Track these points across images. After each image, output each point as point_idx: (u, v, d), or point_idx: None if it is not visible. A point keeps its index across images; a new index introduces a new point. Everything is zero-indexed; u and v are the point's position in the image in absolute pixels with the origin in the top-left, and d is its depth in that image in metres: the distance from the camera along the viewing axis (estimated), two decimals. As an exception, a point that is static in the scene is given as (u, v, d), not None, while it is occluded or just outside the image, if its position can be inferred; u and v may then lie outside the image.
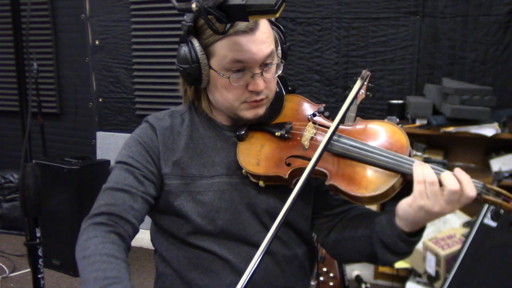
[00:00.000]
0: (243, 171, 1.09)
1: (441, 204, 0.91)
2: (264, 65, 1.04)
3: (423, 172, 0.92)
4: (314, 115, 1.13)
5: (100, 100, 3.57)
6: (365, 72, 1.12)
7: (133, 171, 1.08)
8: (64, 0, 3.50)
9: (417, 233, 1.00)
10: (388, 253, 1.02)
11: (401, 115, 2.71)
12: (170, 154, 1.11)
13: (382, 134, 1.05)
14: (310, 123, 1.11)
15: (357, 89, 1.08)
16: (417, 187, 0.92)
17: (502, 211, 0.95)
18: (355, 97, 1.10)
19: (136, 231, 1.07)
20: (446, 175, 0.91)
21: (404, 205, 0.95)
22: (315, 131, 1.09)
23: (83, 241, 0.99)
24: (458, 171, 0.92)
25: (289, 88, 1.22)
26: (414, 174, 0.93)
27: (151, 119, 1.17)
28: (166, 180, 1.10)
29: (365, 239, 1.07)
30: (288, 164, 1.06)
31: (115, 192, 1.06)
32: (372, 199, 0.98)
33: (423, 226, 0.99)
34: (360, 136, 1.06)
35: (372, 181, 0.98)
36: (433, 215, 0.93)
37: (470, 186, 0.91)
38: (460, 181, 0.91)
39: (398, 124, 1.14)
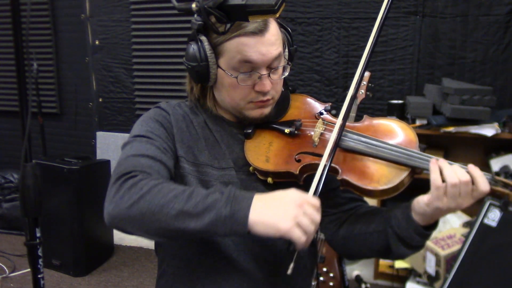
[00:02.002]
0: (251, 168, 1.10)
1: (457, 201, 0.94)
2: (271, 66, 1.05)
3: (445, 175, 0.94)
4: (321, 113, 1.15)
5: (100, 100, 3.57)
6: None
7: (154, 143, 1.05)
8: (64, 0, 3.50)
9: (431, 226, 1.03)
10: (403, 246, 1.04)
11: (401, 115, 2.71)
12: (184, 138, 1.11)
13: (391, 130, 1.08)
14: (320, 120, 1.13)
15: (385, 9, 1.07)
16: (435, 192, 0.95)
17: (510, 202, 0.97)
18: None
19: None
20: (457, 169, 0.94)
21: (422, 204, 0.98)
22: (324, 127, 1.11)
23: (127, 190, 0.91)
24: (471, 167, 0.96)
25: (289, 88, 1.23)
26: (431, 179, 0.95)
27: (163, 105, 1.17)
28: (180, 163, 1.09)
29: (377, 234, 1.09)
30: (298, 160, 1.07)
31: (139, 158, 1.00)
32: (383, 193, 1.00)
33: (437, 219, 1.02)
34: (369, 132, 1.08)
35: (383, 175, 1.01)
36: (449, 211, 0.97)
37: (483, 181, 0.94)
38: (474, 176, 0.94)
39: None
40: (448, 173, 0.94)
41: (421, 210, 0.99)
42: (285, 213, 0.86)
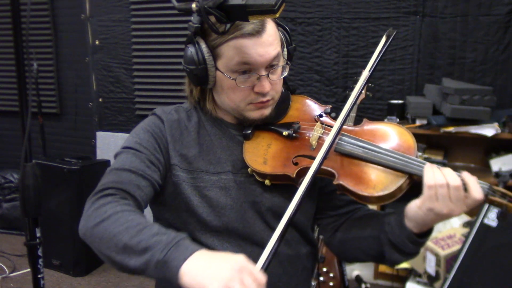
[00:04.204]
0: (249, 169, 1.10)
1: (449, 206, 0.93)
2: (270, 66, 1.05)
3: (434, 176, 0.94)
4: (321, 115, 1.14)
5: (100, 100, 3.57)
6: (391, 30, 1.08)
7: (140, 156, 1.07)
8: (64, 0, 3.50)
9: (425, 233, 1.02)
10: (396, 253, 1.04)
11: (401, 115, 2.71)
12: (178, 146, 1.11)
13: (389, 135, 1.07)
14: (318, 123, 1.12)
15: (380, 49, 1.05)
16: (427, 191, 0.94)
17: (507, 213, 0.97)
18: (375, 64, 1.06)
19: (142, 210, 1.05)
20: (448, 172, 0.94)
21: (414, 207, 0.98)
22: (322, 131, 1.10)
23: (95, 210, 0.95)
24: (465, 173, 0.95)
25: (290, 88, 1.22)
26: (425, 178, 0.95)
27: (159, 111, 1.17)
28: (174, 171, 1.10)
29: (372, 239, 1.08)
30: (296, 163, 1.06)
31: (121, 172, 1.03)
32: (379, 199, 0.99)
33: (431, 227, 1.01)
34: (367, 137, 1.07)
35: (380, 181, 1.00)
36: (442, 217, 0.95)
37: (476, 188, 0.93)
38: (466, 182, 0.93)
39: (398, 124, 1.14)
40: (437, 175, 0.94)
41: (414, 214, 0.98)
42: (218, 274, 0.79)
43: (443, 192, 0.93)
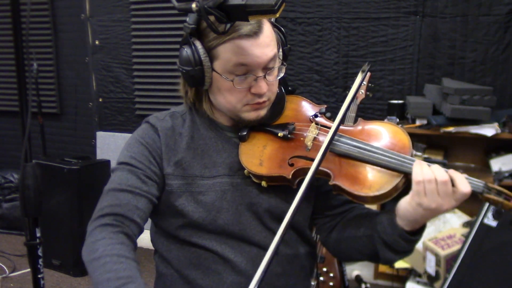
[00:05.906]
0: (245, 171, 1.10)
1: (437, 201, 0.94)
2: (267, 68, 1.05)
3: (422, 172, 0.95)
4: (315, 116, 1.14)
5: (100, 100, 3.57)
6: (366, 65, 1.12)
7: (135, 172, 1.08)
8: (64, 0, 3.50)
9: (418, 231, 1.02)
10: (390, 252, 1.04)
11: (401, 115, 2.71)
12: (172, 155, 1.12)
13: (384, 135, 1.07)
14: (313, 124, 1.12)
15: (359, 83, 1.07)
16: (415, 186, 0.95)
17: (503, 210, 0.97)
18: (356, 92, 1.09)
19: (141, 230, 1.08)
20: (435, 168, 0.95)
21: (404, 203, 0.99)
22: (317, 131, 1.10)
23: (91, 244, 1.00)
24: (451, 170, 0.96)
25: (289, 88, 1.22)
26: (413, 173, 0.96)
27: (152, 119, 1.17)
28: (168, 180, 1.10)
29: (366, 238, 1.09)
30: (291, 165, 1.06)
31: (118, 193, 1.06)
32: (375, 199, 0.99)
33: (423, 224, 1.02)
34: (362, 136, 1.07)
35: (375, 181, 1.00)
36: (432, 212, 0.96)
37: (463, 182, 0.94)
38: (453, 177, 0.94)
39: (398, 124, 1.14)
40: (425, 171, 0.95)
41: (404, 210, 0.99)
42: None
43: (431, 187, 0.94)
